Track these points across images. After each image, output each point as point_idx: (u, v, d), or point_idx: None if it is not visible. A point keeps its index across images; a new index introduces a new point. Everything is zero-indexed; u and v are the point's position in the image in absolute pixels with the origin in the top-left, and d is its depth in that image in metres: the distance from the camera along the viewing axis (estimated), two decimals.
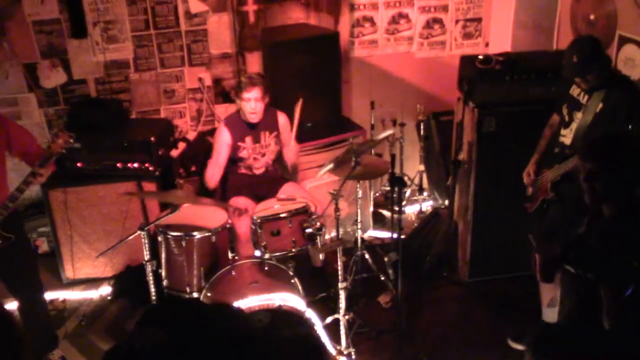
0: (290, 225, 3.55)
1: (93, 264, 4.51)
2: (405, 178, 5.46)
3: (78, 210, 4.39)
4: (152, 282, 3.51)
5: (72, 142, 3.34)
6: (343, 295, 3.62)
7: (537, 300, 3.85)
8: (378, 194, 5.47)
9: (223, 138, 4.08)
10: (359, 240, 4.29)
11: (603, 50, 3.35)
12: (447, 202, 4.65)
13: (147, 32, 4.84)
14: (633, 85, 3.46)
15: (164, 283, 3.68)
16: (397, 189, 3.92)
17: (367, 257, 4.36)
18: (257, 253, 3.67)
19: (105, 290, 4.47)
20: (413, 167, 5.52)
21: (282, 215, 3.55)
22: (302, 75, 4.65)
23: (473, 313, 4.20)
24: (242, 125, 4.09)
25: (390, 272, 4.39)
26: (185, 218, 3.67)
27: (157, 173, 4.34)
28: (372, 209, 5.16)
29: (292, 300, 3.39)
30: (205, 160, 4.41)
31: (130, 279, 4.32)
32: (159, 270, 3.66)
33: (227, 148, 4.09)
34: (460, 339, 3.91)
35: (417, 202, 5.44)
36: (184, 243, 3.59)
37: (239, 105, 4.08)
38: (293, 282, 3.56)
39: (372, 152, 4.96)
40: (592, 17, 4.08)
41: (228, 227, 3.79)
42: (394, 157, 4.05)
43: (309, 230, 3.53)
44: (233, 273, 3.55)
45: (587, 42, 3.34)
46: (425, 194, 5.47)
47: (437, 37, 5.39)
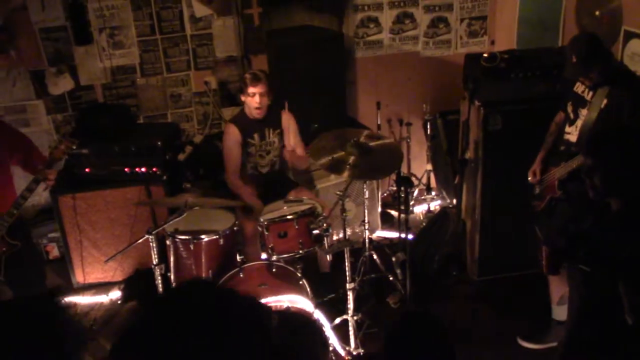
0: (297, 227, 3.56)
1: (103, 269, 4.54)
2: (413, 178, 5.46)
3: (87, 216, 4.42)
4: (161, 285, 3.53)
5: (74, 148, 3.38)
6: (351, 296, 3.63)
7: (547, 298, 3.84)
8: (386, 194, 5.47)
9: (234, 137, 4.10)
10: (367, 241, 4.29)
11: (603, 47, 3.30)
12: (455, 201, 4.64)
13: (152, 37, 4.87)
14: (638, 80, 3.44)
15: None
16: (403, 189, 3.92)
17: (375, 257, 4.36)
18: (264, 255, 3.67)
19: (115, 295, 4.50)
20: (420, 166, 5.52)
21: (288, 217, 3.55)
22: (307, 77, 4.66)
23: (482, 312, 4.19)
24: (248, 122, 4.14)
25: (398, 272, 4.39)
26: (194, 221, 3.70)
27: (164, 177, 4.36)
28: (380, 210, 5.16)
29: (300, 302, 3.40)
30: (213, 163, 4.44)
31: (140, 283, 4.35)
32: (168, 274, 3.68)
33: (239, 147, 4.11)
34: (470, 338, 3.90)
35: (425, 201, 5.43)
36: (192, 246, 3.61)
37: (245, 102, 4.11)
38: (301, 283, 3.57)
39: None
40: (597, 12, 4.06)
41: (236, 229, 3.81)
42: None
43: (316, 232, 3.53)
44: (241, 275, 3.55)
45: (584, 41, 3.29)
46: (433, 194, 5.46)
47: (442, 36, 5.39)
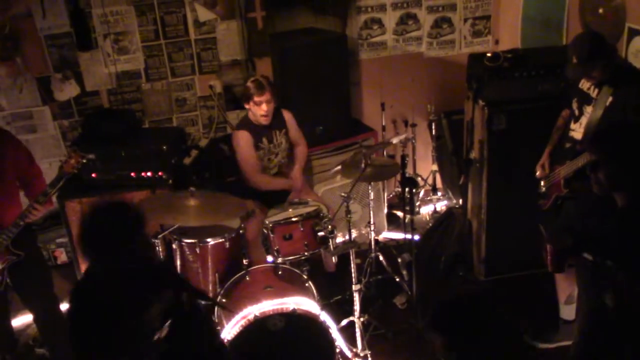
0: (302, 229, 3.56)
1: None
2: (419, 178, 5.46)
3: None
4: None
5: (84, 162, 3.39)
6: (357, 298, 3.63)
7: (554, 298, 3.82)
8: (392, 195, 5.47)
9: (249, 141, 4.13)
10: (373, 242, 4.29)
11: (605, 46, 3.26)
12: (461, 201, 4.63)
13: (157, 42, 4.89)
14: None
15: None
16: (408, 190, 3.92)
17: (381, 258, 4.36)
18: (269, 258, 3.68)
19: None
20: (426, 167, 5.51)
21: (293, 219, 3.56)
22: (311, 79, 4.67)
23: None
24: (256, 127, 4.17)
25: (405, 273, 4.39)
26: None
27: (170, 181, 4.38)
28: (386, 211, 5.16)
29: (306, 304, 3.40)
30: (218, 167, 4.45)
31: None
32: None
33: (253, 150, 4.15)
34: None
35: (431, 202, 5.43)
36: (199, 250, 3.62)
37: (249, 110, 4.13)
38: (307, 285, 3.57)
39: (384, 153, 4.98)
40: (600, 10, 4.05)
41: (241, 232, 3.82)
42: (404, 157, 4.03)
43: (321, 234, 3.53)
44: (247, 278, 3.57)
45: (584, 40, 3.26)
46: (439, 194, 5.45)
47: (446, 36, 5.38)
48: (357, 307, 3.66)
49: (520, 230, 4.13)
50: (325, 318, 3.42)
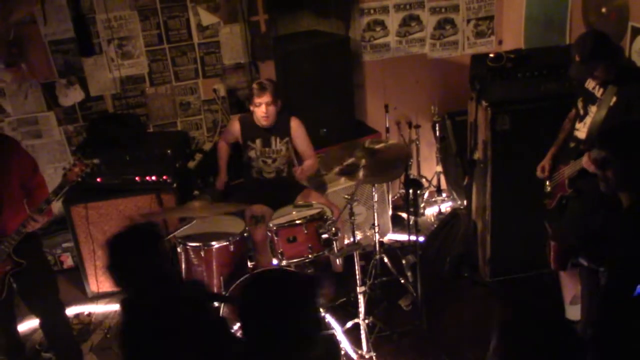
0: (306, 232, 3.57)
1: None
2: (423, 180, 5.45)
3: (99, 225, 4.46)
4: None
5: (88, 170, 3.40)
6: (362, 299, 3.63)
7: (559, 298, 3.81)
8: (396, 197, 5.46)
9: (231, 127, 4.36)
10: (378, 244, 4.29)
11: (608, 45, 3.24)
12: (465, 202, 4.63)
13: (160, 46, 4.91)
14: None
15: None
16: (412, 191, 3.92)
17: (386, 260, 4.36)
18: (274, 261, 3.69)
19: None
20: (430, 168, 5.51)
21: (297, 222, 3.57)
22: (315, 82, 4.68)
23: (495, 313, 4.16)
24: (254, 126, 4.20)
25: (409, 274, 4.38)
26: (204, 227, 3.72)
27: (174, 185, 4.40)
28: (390, 212, 5.15)
29: None
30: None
31: None
32: None
33: (232, 136, 4.35)
34: (483, 340, 3.85)
35: (435, 203, 5.42)
36: (203, 253, 3.63)
37: (253, 111, 4.16)
38: None
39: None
40: (603, 9, 4.04)
41: (246, 235, 3.83)
42: (408, 159, 4.02)
43: (325, 236, 3.54)
44: None
45: (587, 39, 3.23)
46: (444, 195, 5.45)
47: (449, 37, 5.38)
48: (362, 309, 3.66)
49: (525, 231, 4.12)
50: (330, 320, 3.42)
